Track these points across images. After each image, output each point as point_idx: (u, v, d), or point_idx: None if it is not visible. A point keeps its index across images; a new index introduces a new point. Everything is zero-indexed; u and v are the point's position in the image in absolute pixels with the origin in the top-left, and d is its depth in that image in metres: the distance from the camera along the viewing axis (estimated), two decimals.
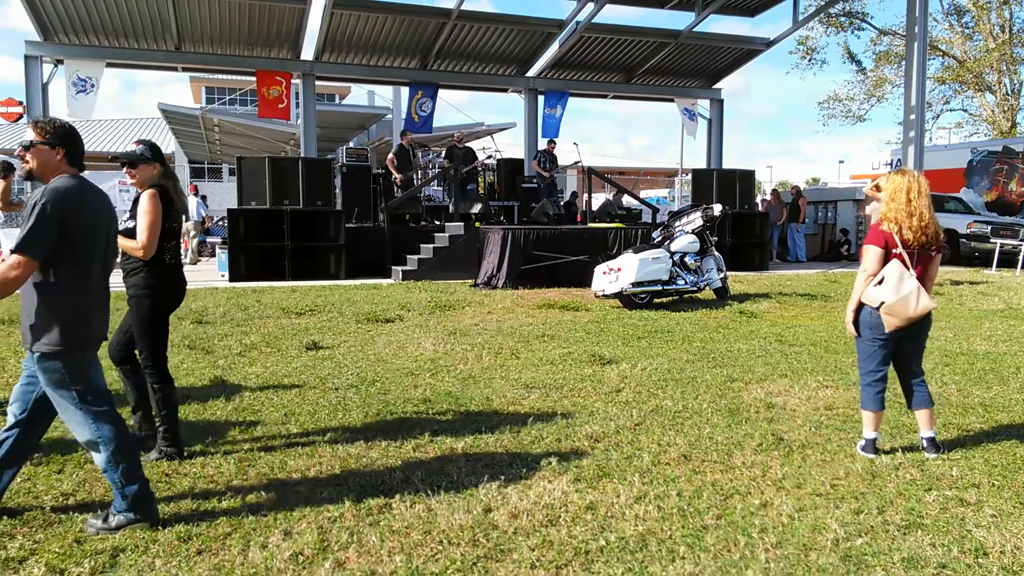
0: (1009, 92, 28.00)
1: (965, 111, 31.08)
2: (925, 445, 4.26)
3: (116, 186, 20.18)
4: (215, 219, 22.84)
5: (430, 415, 4.98)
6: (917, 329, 4.22)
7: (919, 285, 4.07)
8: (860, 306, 4.24)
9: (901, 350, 4.29)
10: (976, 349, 7.34)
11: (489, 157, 17.14)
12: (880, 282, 4.11)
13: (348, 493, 3.65)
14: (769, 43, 21.44)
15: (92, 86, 16.97)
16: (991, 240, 16.55)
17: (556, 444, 4.42)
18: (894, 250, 4.11)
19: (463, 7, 17.87)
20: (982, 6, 26.47)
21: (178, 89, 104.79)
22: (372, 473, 3.93)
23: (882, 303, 4.09)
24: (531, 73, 21.35)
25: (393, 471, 3.95)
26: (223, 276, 13.75)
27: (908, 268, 4.08)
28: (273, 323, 8.67)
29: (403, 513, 3.44)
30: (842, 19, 28.37)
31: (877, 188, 4.26)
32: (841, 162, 44.09)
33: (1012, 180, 19.23)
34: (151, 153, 4.27)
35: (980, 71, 27.64)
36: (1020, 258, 15.92)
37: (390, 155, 15.94)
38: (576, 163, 16.57)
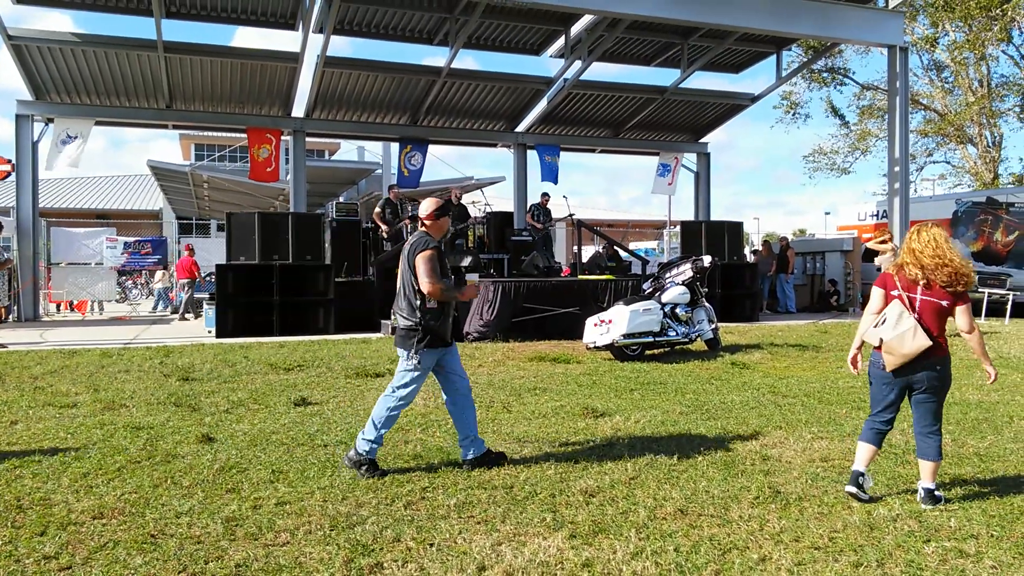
0: (990, 144, 28.57)
1: (948, 163, 31.65)
2: (922, 495, 4.22)
3: (104, 242, 20.21)
4: (203, 275, 22.77)
5: (421, 471, 4.89)
6: (923, 376, 4.20)
7: (915, 324, 4.12)
8: (862, 346, 4.38)
9: (914, 402, 4.31)
10: (968, 399, 7.33)
11: (486, 206, 17.28)
12: (883, 321, 4.23)
13: (338, 553, 3.56)
14: (754, 98, 21.90)
15: (80, 140, 17.11)
16: (979, 290, 16.68)
17: (550, 499, 4.34)
18: (892, 292, 4.27)
19: (453, 65, 18.20)
20: (960, 61, 27.16)
21: (165, 145, 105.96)
22: (362, 532, 3.83)
23: (881, 340, 4.20)
24: (520, 128, 21.67)
25: (384, 530, 3.86)
26: (210, 332, 13.64)
27: (907, 308, 4.18)
28: (261, 379, 8.58)
29: (394, 573, 3.35)
30: (824, 75, 29.04)
31: (883, 241, 4.41)
32: (827, 214, 44.58)
33: (997, 230, 19.47)
34: None
35: (961, 124, 28.23)
36: (1008, 307, 16.03)
37: (377, 209, 16.03)
38: (570, 215, 16.71)
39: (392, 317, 5.01)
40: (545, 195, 17.59)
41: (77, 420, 6.39)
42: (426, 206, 5.04)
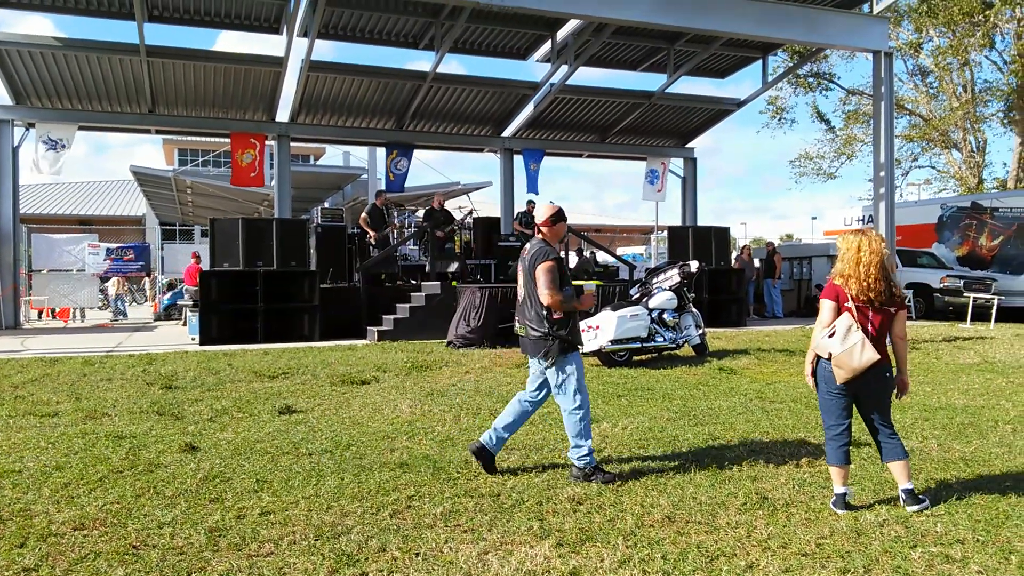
0: (975, 149, 28.84)
1: (933, 168, 31.93)
2: (904, 498, 4.23)
3: (86, 248, 20.02)
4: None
5: (407, 480, 4.85)
6: (871, 384, 4.23)
7: (863, 337, 4.14)
8: (817, 359, 4.35)
9: (861, 405, 4.33)
10: (954, 403, 7.36)
11: (469, 214, 17.25)
12: (832, 334, 4.23)
13: (323, 564, 3.52)
14: (740, 103, 21.99)
15: (63, 146, 16.96)
16: (964, 294, 16.80)
17: (537, 507, 4.31)
18: (845, 303, 4.25)
19: (438, 70, 18.17)
20: (944, 67, 27.41)
21: (148, 151, 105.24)
22: (347, 542, 3.79)
23: (830, 354, 4.21)
24: (506, 133, 21.67)
25: (369, 539, 3.82)
26: (193, 339, 13.53)
27: (855, 321, 4.19)
28: (245, 387, 8.50)
29: None
30: (810, 80, 29.23)
31: None
32: (814, 218, 44.94)
33: (982, 235, 19.65)
34: None
35: (945, 129, 28.48)
36: (993, 311, 16.15)
37: (363, 214, 15.98)
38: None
39: (519, 326, 5.06)
40: (531, 203, 17.65)
41: (58, 429, 6.31)
42: (542, 212, 5.06)
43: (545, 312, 4.84)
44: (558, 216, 5.04)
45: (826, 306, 4.32)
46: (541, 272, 4.80)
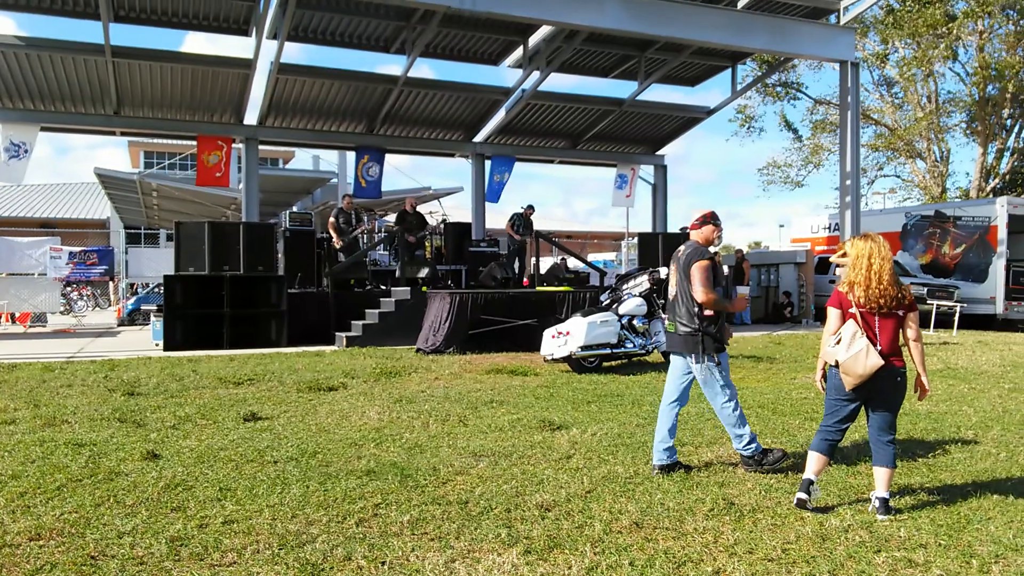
0: (938, 159, 29.40)
1: (898, 177, 32.50)
2: (876, 505, 4.25)
3: (48, 252, 19.63)
4: (150, 286, 22.31)
5: (374, 487, 4.79)
6: (883, 388, 4.28)
7: (868, 344, 4.19)
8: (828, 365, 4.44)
9: (870, 411, 4.38)
10: (918, 409, 7.46)
11: (442, 221, 17.20)
12: (838, 342, 4.28)
13: (287, 573, 3.46)
14: (709, 111, 22.23)
15: (25, 151, 16.61)
16: (928, 301, 17.10)
17: (505, 514, 4.28)
18: (849, 310, 4.30)
19: (410, 74, 18.12)
20: (909, 78, 27.93)
21: (112, 153, 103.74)
22: (312, 551, 3.73)
23: (837, 361, 4.26)
24: (478, 138, 21.67)
25: (334, 548, 3.76)
26: (157, 345, 13.31)
27: (860, 327, 4.23)
28: (209, 394, 8.37)
29: None
30: (778, 89, 29.62)
31: (844, 255, 4.43)
32: (781, 226, 45.50)
33: (945, 243, 20.03)
34: None
35: (910, 139, 29.00)
36: (955, 319, 16.45)
37: (331, 218, 15.86)
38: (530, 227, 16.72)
39: (669, 323, 5.32)
40: (530, 207, 17.44)
41: (15, 437, 6.15)
42: (693, 216, 5.32)
43: (696, 309, 5.05)
44: (704, 220, 5.28)
45: (832, 314, 4.39)
46: (696, 270, 5.04)
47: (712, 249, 5.23)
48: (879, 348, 4.23)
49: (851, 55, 17.62)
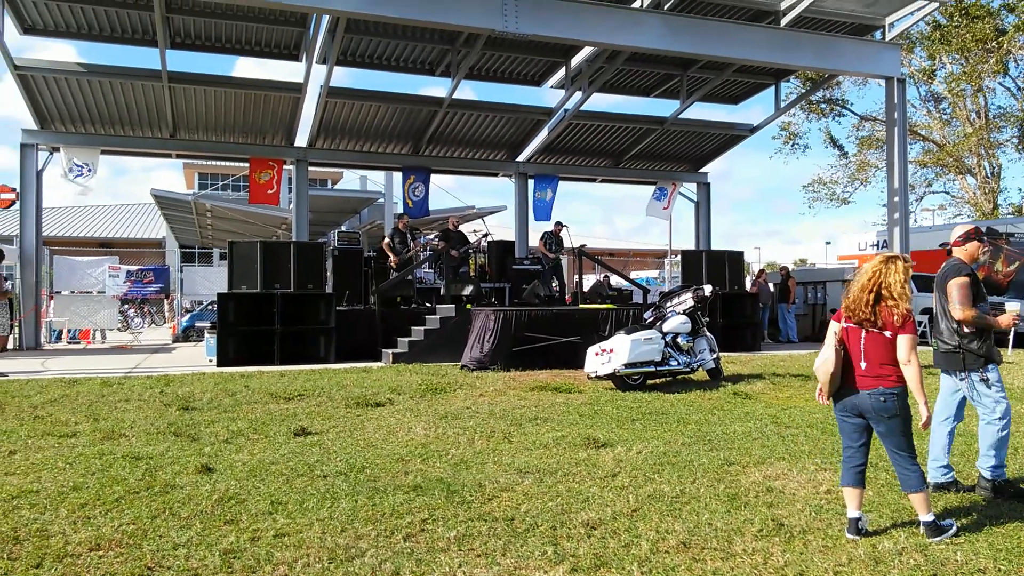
0: (989, 175, 28.72)
1: (948, 193, 31.83)
2: (923, 529, 4.17)
3: (106, 270, 20.24)
4: (203, 303, 22.82)
5: (421, 503, 4.85)
6: (869, 409, 4.21)
7: (832, 349, 4.26)
8: None
9: (878, 437, 4.31)
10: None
11: (486, 236, 17.32)
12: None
13: None
14: (753, 129, 22.06)
15: (89, 170, 17.26)
16: None
17: (551, 532, 4.30)
18: (837, 320, 4.42)
19: (454, 96, 18.36)
20: (957, 93, 27.42)
21: (168, 174, 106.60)
22: (361, 565, 3.79)
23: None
24: (521, 158, 21.81)
25: (383, 563, 3.82)
26: (211, 361, 13.62)
27: (836, 337, 4.31)
28: (261, 409, 8.54)
29: None
30: (823, 106, 29.29)
31: None
32: (828, 243, 44.71)
33: (997, 260, 19.51)
34: None
35: (959, 155, 28.41)
36: (1010, 337, 15.98)
37: (386, 239, 16.07)
38: (581, 246, 16.70)
39: (932, 341, 5.35)
40: (559, 224, 17.54)
41: (76, 450, 6.36)
42: (955, 232, 5.32)
43: (955, 326, 5.05)
44: (968, 236, 5.26)
45: (830, 327, 4.43)
46: (953, 287, 5.03)
47: (978, 261, 5.20)
48: (863, 365, 4.21)
49: (897, 71, 17.37)
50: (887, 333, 4.18)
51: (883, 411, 4.18)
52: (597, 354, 10.18)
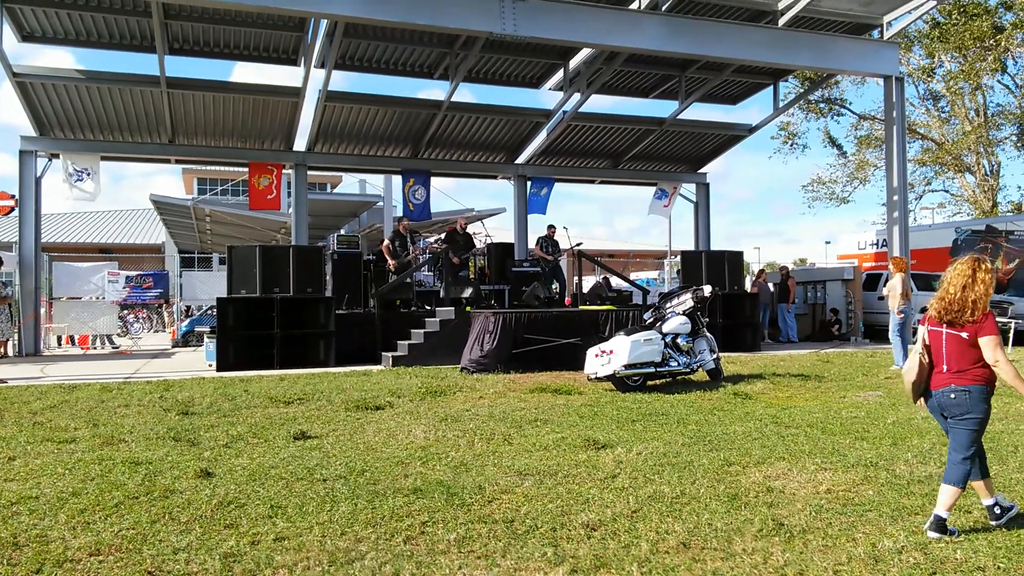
0: (988, 173, 28.74)
1: (947, 191, 31.86)
2: (931, 520, 4.18)
3: (106, 276, 20.25)
4: (203, 308, 22.85)
5: (421, 505, 4.85)
6: (946, 406, 4.27)
7: (920, 356, 4.33)
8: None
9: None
10: None
11: (487, 238, 17.34)
12: None
13: None
14: (751, 129, 22.08)
15: (89, 174, 17.28)
16: None
17: (551, 533, 4.30)
18: (923, 324, 4.49)
19: (453, 99, 18.38)
20: (956, 91, 27.44)
21: (167, 180, 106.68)
22: (361, 568, 3.79)
23: None
24: (520, 160, 21.83)
25: (383, 565, 3.82)
26: (210, 366, 13.62)
27: (924, 342, 4.37)
28: (260, 413, 8.54)
29: None
30: (821, 105, 29.31)
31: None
32: (827, 243, 44.75)
33: (997, 258, 19.52)
34: None
35: (958, 153, 28.43)
36: (1010, 335, 15.98)
37: (386, 242, 16.06)
38: (578, 245, 16.72)
39: None
40: (551, 227, 17.64)
41: (76, 455, 6.36)
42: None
43: None
44: None
45: (919, 331, 4.50)
46: None
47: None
48: (944, 368, 4.26)
49: (895, 70, 17.39)
50: (963, 334, 4.22)
51: (955, 407, 4.24)
52: (597, 355, 10.18)
